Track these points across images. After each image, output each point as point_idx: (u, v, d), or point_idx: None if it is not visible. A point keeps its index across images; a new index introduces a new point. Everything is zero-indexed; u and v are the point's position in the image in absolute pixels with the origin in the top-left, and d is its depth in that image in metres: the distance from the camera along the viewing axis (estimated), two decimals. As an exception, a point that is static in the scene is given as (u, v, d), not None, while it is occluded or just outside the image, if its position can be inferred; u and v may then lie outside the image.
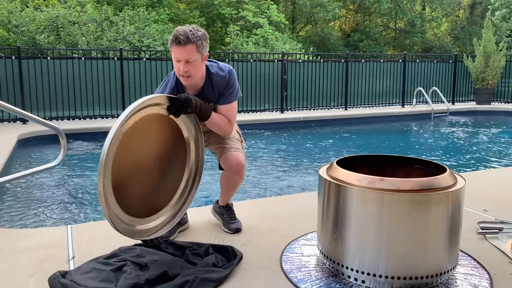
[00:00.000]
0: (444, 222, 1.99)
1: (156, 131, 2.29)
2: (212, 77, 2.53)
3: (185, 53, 2.31)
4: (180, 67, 2.35)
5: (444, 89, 13.03)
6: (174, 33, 2.33)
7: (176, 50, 2.33)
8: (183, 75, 2.38)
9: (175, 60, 2.38)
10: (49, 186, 5.09)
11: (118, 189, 2.10)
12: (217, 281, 2.06)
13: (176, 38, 2.30)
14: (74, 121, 9.01)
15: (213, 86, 2.54)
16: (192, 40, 2.31)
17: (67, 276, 2.06)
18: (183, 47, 2.30)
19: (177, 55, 2.34)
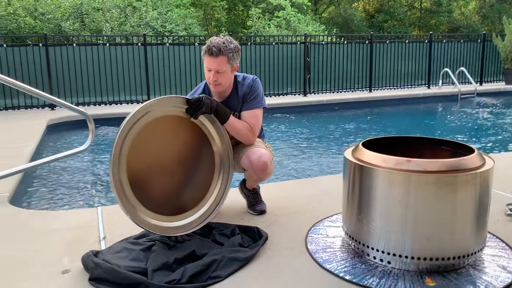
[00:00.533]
0: (471, 203, 1.98)
1: (179, 134, 2.35)
2: (238, 85, 2.64)
3: (216, 64, 2.44)
4: (210, 76, 2.48)
5: (472, 69, 12.68)
6: (208, 43, 2.46)
7: (208, 60, 2.46)
8: (213, 84, 2.51)
9: (206, 69, 2.50)
10: (78, 169, 5.23)
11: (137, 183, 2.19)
12: (244, 261, 2.10)
13: (210, 49, 2.43)
14: (100, 107, 9.18)
15: (238, 93, 2.63)
16: (224, 53, 2.44)
17: (99, 255, 2.14)
18: (214, 58, 2.43)
19: (208, 65, 2.47)
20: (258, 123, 2.65)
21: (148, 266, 2.00)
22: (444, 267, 2.01)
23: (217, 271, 1.99)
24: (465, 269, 2.04)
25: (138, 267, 2.00)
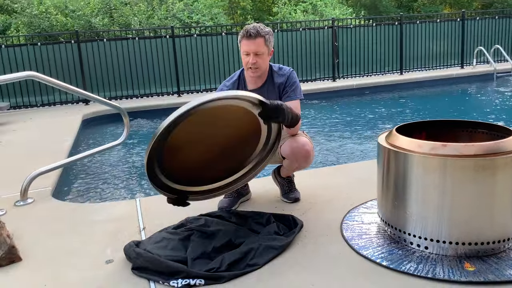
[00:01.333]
0: (511, 186, 1.94)
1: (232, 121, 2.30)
2: (273, 74, 2.67)
3: (254, 45, 2.49)
4: (249, 60, 2.51)
5: (508, 47, 12.19)
6: (244, 29, 2.52)
7: (247, 43, 2.50)
8: (251, 67, 2.53)
9: (244, 54, 2.53)
10: (115, 162, 5.38)
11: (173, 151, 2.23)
12: (280, 248, 2.13)
13: (247, 32, 2.49)
14: (132, 100, 9.36)
15: (274, 82, 2.65)
16: (261, 34, 2.50)
17: (140, 245, 2.22)
18: (253, 40, 2.49)
19: (247, 48, 2.51)
20: (300, 112, 2.67)
21: (187, 255, 2.06)
22: (484, 251, 1.99)
23: (254, 259, 2.03)
24: (505, 253, 2.01)
25: (178, 256, 2.07)
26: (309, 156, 2.61)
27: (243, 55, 2.55)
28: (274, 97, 2.64)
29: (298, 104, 2.65)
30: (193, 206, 2.79)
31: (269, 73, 2.68)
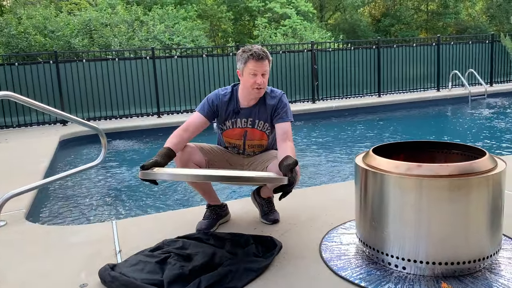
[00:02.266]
0: (485, 206, 1.97)
1: None
2: (266, 96, 2.69)
3: (263, 66, 2.56)
4: (256, 80, 2.55)
5: (481, 70, 12.59)
6: (250, 50, 2.55)
7: (255, 64, 2.54)
8: (258, 88, 2.57)
9: (250, 74, 2.54)
10: (92, 184, 5.28)
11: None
12: (259, 271, 2.11)
13: (256, 53, 2.54)
14: (111, 121, 9.27)
15: (266, 104, 2.68)
16: (268, 56, 2.59)
17: (116, 268, 2.16)
18: (262, 61, 2.55)
19: (256, 69, 2.54)
20: (291, 133, 2.71)
21: (164, 278, 2.02)
22: (460, 271, 2.00)
23: (232, 282, 2.00)
24: (481, 272, 2.03)
25: (154, 279, 2.02)
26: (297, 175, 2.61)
27: (249, 75, 2.55)
28: (264, 117, 2.67)
29: (289, 126, 2.67)
30: (170, 229, 2.76)
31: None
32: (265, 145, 2.76)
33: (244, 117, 2.67)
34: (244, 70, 2.57)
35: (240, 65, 2.58)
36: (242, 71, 2.58)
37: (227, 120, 2.67)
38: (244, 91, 2.64)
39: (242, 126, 2.67)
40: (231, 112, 2.66)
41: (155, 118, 9.46)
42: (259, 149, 2.76)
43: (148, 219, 3.27)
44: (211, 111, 2.66)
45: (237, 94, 2.69)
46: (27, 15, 13.49)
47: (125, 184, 5.23)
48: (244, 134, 2.69)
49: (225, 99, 2.68)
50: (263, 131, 2.70)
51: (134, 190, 4.97)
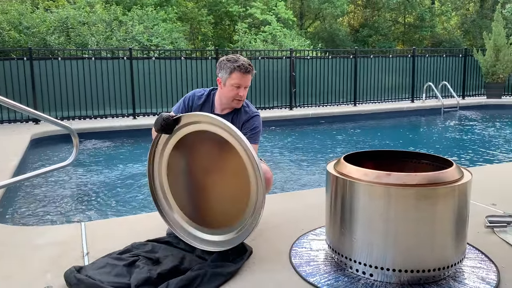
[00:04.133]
0: (450, 215, 2.02)
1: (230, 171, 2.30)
2: (242, 108, 2.71)
3: (247, 80, 2.58)
4: (239, 92, 2.57)
5: (454, 83, 12.93)
6: (236, 61, 2.54)
7: (241, 77, 2.55)
8: (239, 100, 2.60)
9: (234, 86, 2.55)
10: (62, 184, 5.18)
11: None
12: (228, 275, 2.10)
13: (244, 66, 2.53)
14: (85, 121, 9.12)
15: (238, 116, 2.70)
16: (253, 70, 2.61)
17: (82, 271, 2.13)
18: (248, 75, 2.57)
19: (241, 81, 2.55)
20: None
21: (131, 281, 2.00)
22: (425, 279, 2.04)
23: (200, 286, 1.99)
24: (445, 280, 2.08)
25: (121, 283, 2.00)
26: (270, 184, 2.64)
27: (232, 87, 2.55)
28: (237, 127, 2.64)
29: (256, 148, 2.69)
30: (140, 231, 2.73)
31: None
32: None
33: None
34: (227, 81, 2.57)
35: (224, 75, 2.57)
36: (225, 81, 2.58)
37: None
38: (222, 100, 2.65)
39: None
40: None
41: (131, 119, 9.36)
42: None
43: (117, 222, 3.22)
44: (185, 111, 2.67)
45: (213, 98, 2.70)
46: (1, 10, 13.15)
47: (96, 186, 5.15)
48: None
49: (200, 101, 2.69)
50: None
51: (105, 192, 4.89)
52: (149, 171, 2.45)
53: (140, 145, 7.58)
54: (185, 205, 2.43)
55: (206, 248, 2.28)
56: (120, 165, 6.16)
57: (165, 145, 2.38)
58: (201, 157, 2.33)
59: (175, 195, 2.45)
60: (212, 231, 2.35)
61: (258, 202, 2.12)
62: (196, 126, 2.25)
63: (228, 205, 2.30)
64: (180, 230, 2.42)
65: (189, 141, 2.30)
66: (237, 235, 2.27)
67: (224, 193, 2.30)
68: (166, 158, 2.40)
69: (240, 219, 2.24)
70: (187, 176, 2.41)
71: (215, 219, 2.34)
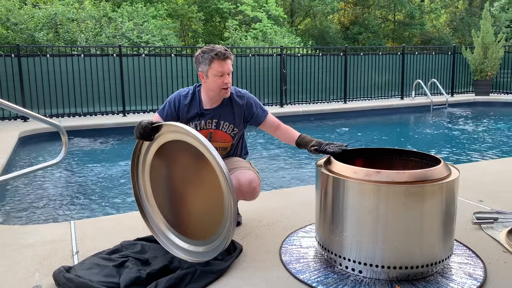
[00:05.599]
0: (438, 212, 2.04)
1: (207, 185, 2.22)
2: (231, 95, 2.66)
3: (229, 65, 2.55)
4: (223, 80, 2.52)
5: (443, 81, 13.04)
6: (212, 50, 2.50)
7: (222, 64, 2.51)
8: (226, 88, 2.55)
9: (217, 75, 2.51)
10: (51, 183, 5.14)
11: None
12: (218, 273, 2.11)
13: (221, 53, 2.50)
14: (75, 118, 9.05)
15: (232, 104, 2.66)
16: (231, 55, 2.57)
17: (71, 271, 2.11)
18: (227, 60, 2.52)
19: (222, 68, 2.51)
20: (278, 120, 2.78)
21: (120, 281, 1.99)
22: (414, 275, 2.06)
23: (190, 284, 1.99)
24: (433, 276, 2.10)
25: (110, 283, 1.99)
26: (256, 193, 2.58)
27: (216, 77, 2.51)
28: (231, 118, 2.64)
29: (272, 116, 2.74)
30: (130, 230, 2.72)
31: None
32: (228, 148, 2.74)
33: (208, 119, 2.63)
34: (209, 72, 2.51)
35: (204, 67, 2.52)
36: (207, 73, 2.52)
37: (189, 123, 2.62)
38: (210, 93, 2.60)
39: (206, 128, 2.64)
40: (194, 115, 2.62)
41: (120, 116, 9.31)
42: (223, 152, 2.74)
43: (107, 220, 3.21)
44: (171, 113, 2.62)
45: (199, 95, 2.65)
46: (-12, 6, 13.00)
47: (86, 184, 5.12)
48: (209, 136, 2.66)
49: (186, 101, 2.62)
50: (227, 133, 2.68)
51: (95, 190, 4.87)
52: (133, 176, 2.42)
53: (130, 143, 7.54)
54: (167, 212, 2.40)
55: (185, 258, 2.23)
56: (110, 163, 6.13)
57: (147, 151, 2.34)
58: (181, 166, 2.29)
59: (158, 202, 2.42)
60: (192, 241, 2.32)
61: (231, 216, 2.08)
62: (175, 135, 2.21)
63: (206, 217, 2.26)
64: (162, 236, 2.37)
65: (170, 149, 2.27)
66: (213, 248, 2.21)
67: (202, 205, 2.27)
68: (148, 164, 2.37)
69: (216, 232, 2.20)
70: (168, 184, 2.37)
71: (194, 230, 2.31)
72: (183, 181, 2.29)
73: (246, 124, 2.75)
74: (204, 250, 2.25)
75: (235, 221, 2.05)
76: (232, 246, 2.38)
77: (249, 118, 2.70)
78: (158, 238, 2.37)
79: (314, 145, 2.45)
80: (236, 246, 2.40)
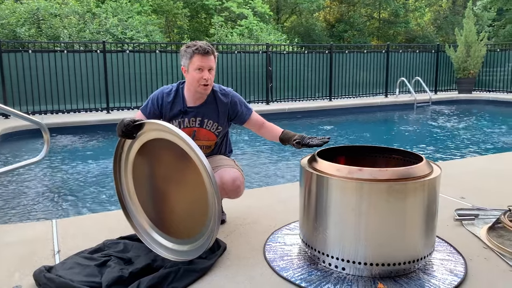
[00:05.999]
0: (420, 209, 2.06)
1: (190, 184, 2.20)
2: (216, 93, 2.64)
3: (210, 61, 2.50)
4: (203, 76, 2.49)
5: (427, 79, 13.19)
6: (194, 45, 2.48)
7: (202, 59, 2.48)
8: (205, 84, 2.51)
9: (196, 69, 2.48)
10: (33, 181, 5.06)
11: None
12: (201, 271, 2.10)
13: (202, 48, 2.47)
14: (58, 115, 8.93)
15: (216, 102, 2.63)
16: (213, 51, 2.53)
17: (52, 270, 2.08)
18: (208, 56, 2.49)
19: (202, 64, 2.48)
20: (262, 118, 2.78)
21: (102, 281, 1.97)
22: (396, 272, 2.08)
23: (173, 283, 1.98)
24: (415, 273, 2.12)
25: (92, 282, 1.97)
26: (240, 191, 2.58)
27: (195, 72, 2.48)
28: (215, 116, 2.62)
29: (255, 115, 2.73)
30: (113, 228, 2.69)
31: (210, 92, 2.63)
32: (212, 146, 2.73)
33: (192, 117, 2.61)
34: (189, 66, 2.50)
35: (185, 61, 2.52)
36: (188, 67, 2.51)
37: (172, 120, 2.59)
38: (191, 89, 2.57)
39: (190, 126, 2.62)
40: (178, 112, 2.59)
41: (104, 113, 9.21)
42: (207, 151, 2.72)
43: (90, 219, 3.18)
44: (154, 111, 2.59)
45: (183, 93, 2.62)
46: (-32, 0, 12.75)
47: (68, 182, 5.05)
48: (192, 134, 2.64)
49: (169, 99, 2.60)
50: (211, 131, 2.67)
51: (77, 189, 4.81)
52: (115, 174, 2.39)
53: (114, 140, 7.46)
54: (150, 211, 2.38)
55: (169, 257, 2.21)
56: (93, 161, 6.06)
57: (129, 149, 2.31)
58: (164, 164, 2.27)
59: (141, 200, 2.40)
60: (175, 240, 2.30)
61: (215, 215, 2.07)
62: (158, 134, 2.18)
63: (190, 215, 2.24)
64: (146, 235, 2.35)
65: (152, 147, 2.25)
66: (197, 246, 2.19)
67: (185, 203, 2.25)
68: (131, 162, 2.34)
69: (201, 231, 2.18)
70: (151, 183, 2.35)
71: (178, 228, 2.29)
72: (166, 179, 2.27)
73: (230, 123, 2.74)
74: (188, 249, 2.24)
75: (219, 220, 2.04)
76: (216, 245, 2.38)
77: (234, 116, 2.69)
78: (141, 236, 2.35)
79: (297, 139, 2.47)
80: (220, 244, 2.39)
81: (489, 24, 24.08)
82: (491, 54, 13.38)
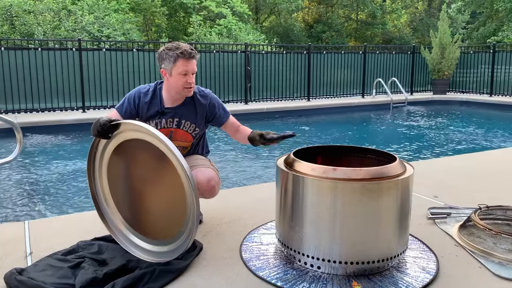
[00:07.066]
0: (394, 208, 2.10)
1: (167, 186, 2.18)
2: (194, 95, 2.62)
3: (194, 65, 2.51)
4: (187, 80, 2.48)
5: (403, 79, 13.41)
6: (177, 48, 2.46)
7: (187, 63, 2.47)
8: (189, 87, 2.51)
9: (181, 74, 2.46)
10: (4, 182, 4.95)
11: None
12: (177, 272, 2.09)
13: (187, 52, 2.45)
14: (32, 114, 8.75)
15: (195, 103, 2.62)
16: (196, 54, 2.53)
17: (24, 273, 2.04)
18: (192, 60, 2.48)
19: (187, 68, 2.47)
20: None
21: (76, 283, 1.94)
22: (370, 270, 2.11)
23: (148, 284, 1.96)
24: (389, 271, 2.16)
25: (65, 284, 1.93)
26: (215, 191, 2.58)
27: (179, 75, 2.46)
28: (192, 117, 2.61)
29: (232, 118, 2.74)
30: (87, 229, 2.65)
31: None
32: (189, 147, 2.72)
33: (169, 117, 2.59)
34: (173, 70, 2.46)
35: (168, 65, 2.47)
36: (170, 70, 2.47)
37: (149, 121, 2.57)
38: (171, 92, 2.55)
39: (167, 127, 2.61)
40: (155, 113, 2.56)
41: (80, 112, 9.07)
42: (184, 152, 2.70)
43: (63, 220, 3.12)
44: (131, 111, 2.55)
45: (160, 93, 2.59)
46: None
47: (41, 183, 4.96)
48: (169, 135, 2.62)
49: (146, 99, 2.56)
50: (188, 132, 2.65)
51: (51, 189, 4.72)
52: (89, 174, 2.36)
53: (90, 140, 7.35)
54: (126, 212, 2.35)
55: (145, 258, 2.19)
56: (68, 160, 5.96)
57: (104, 149, 2.28)
58: (140, 165, 2.25)
59: (116, 201, 2.37)
60: (152, 241, 2.28)
61: (193, 215, 2.06)
62: (134, 134, 2.16)
63: (167, 216, 2.22)
64: (121, 236, 2.33)
65: (128, 147, 2.22)
66: (175, 247, 2.18)
67: (162, 204, 2.23)
68: (106, 162, 2.31)
69: (178, 232, 2.17)
70: (127, 183, 2.32)
71: (154, 229, 2.27)
72: (143, 180, 2.25)
73: (207, 124, 2.74)
74: (165, 250, 2.22)
75: (197, 220, 2.04)
76: (192, 245, 2.36)
77: (211, 118, 2.68)
78: (116, 237, 2.33)
79: (260, 134, 2.57)
80: (196, 244, 2.38)
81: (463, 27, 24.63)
82: (465, 56, 13.69)
